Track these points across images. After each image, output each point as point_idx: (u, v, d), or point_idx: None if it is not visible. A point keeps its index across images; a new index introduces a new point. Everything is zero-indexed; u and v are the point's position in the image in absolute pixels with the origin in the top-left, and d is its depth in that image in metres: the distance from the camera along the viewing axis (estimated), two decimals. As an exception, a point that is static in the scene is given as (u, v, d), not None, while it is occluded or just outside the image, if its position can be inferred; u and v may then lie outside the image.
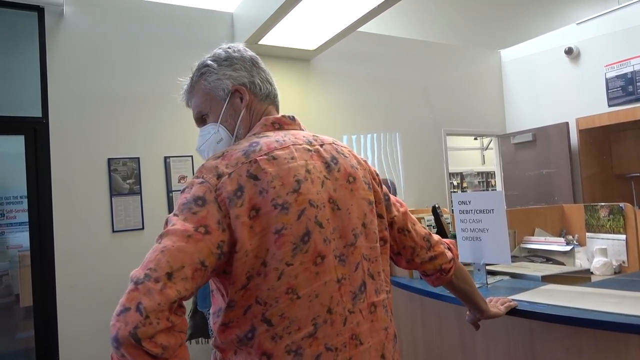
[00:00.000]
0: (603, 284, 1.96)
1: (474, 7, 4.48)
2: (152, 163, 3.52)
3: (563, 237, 2.76)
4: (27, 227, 3.10)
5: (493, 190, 7.32)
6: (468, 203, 1.79)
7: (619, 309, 1.29)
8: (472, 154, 8.77)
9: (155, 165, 3.53)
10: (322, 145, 0.97)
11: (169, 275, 0.71)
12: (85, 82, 3.34)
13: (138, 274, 0.71)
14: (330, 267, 0.88)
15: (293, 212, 0.84)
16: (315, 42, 3.88)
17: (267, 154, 0.88)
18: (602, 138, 4.89)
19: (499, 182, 5.69)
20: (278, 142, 0.92)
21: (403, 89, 4.89)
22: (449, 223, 2.45)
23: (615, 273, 2.40)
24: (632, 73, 4.41)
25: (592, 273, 2.37)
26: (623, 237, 2.49)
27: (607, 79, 4.61)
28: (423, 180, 4.89)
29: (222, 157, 0.88)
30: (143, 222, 3.42)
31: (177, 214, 0.81)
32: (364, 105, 4.60)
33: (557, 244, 2.60)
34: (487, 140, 8.04)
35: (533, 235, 2.81)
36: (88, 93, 3.34)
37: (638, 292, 1.55)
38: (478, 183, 8.89)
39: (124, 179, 3.39)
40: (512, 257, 1.85)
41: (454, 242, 1.24)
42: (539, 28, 5.13)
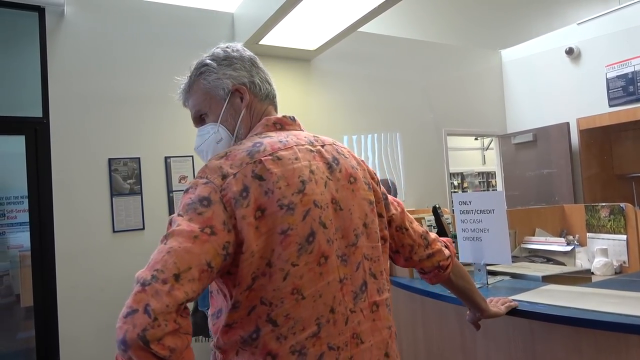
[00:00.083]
0: (604, 284, 1.96)
1: (475, 7, 4.49)
2: (152, 163, 3.52)
3: (564, 237, 2.76)
4: (27, 227, 3.10)
5: (494, 191, 7.32)
6: (469, 203, 1.79)
7: (620, 309, 1.29)
8: (472, 154, 8.77)
9: (156, 166, 3.54)
10: (323, 146, 0.97)
11: (177, 277, 0.70)
12: (86, 82, 3.34)
13: (144, 275, 0.70)
14: (333, 267, 0.88)
15: (298, 212, 0.84)
16: (316, 42, 3.88)
17: (271, 155, 0.87)
18: (602, 138, 4.89)
19: (500, 182, 5.69)
20: (281, 142, 0.91)
21: (403, 89, 4.89)
22: (450, 223, 2.45)
23: (616, 273, 2.40)
24: (632, 73, 4.40)
25: (592, 273, 2.37)
26: (624, 237, 2.49)
27: (607, 79, 4.60)
28: (423, 181, 4.89)
29: (225, 157, 0.87)
30: (144, 222, 3.43)
31: (181, 215, 0.80)
32: (365, 106, 4.60)
33: (557, 244, 2.60)
34: (487, 141, 8.03)
35: (534, 236, 2.81)
36: (89, 93, 3.34)
37: (639, 292, 1.55)
38: (479, 183, 8.88)
39: (125, 179, 3.40)
40: (512, 257, 1.85)
41: (451, 240, 1.25)
42: (540, 28, 5.13)
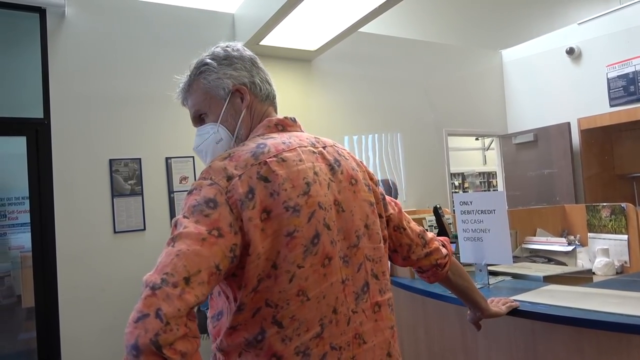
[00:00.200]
0: (605, 285, 1.96)
1: (475, 7, 4.49)
2: (153, 164, 3.52)
3: (565, 237, 2.76)
4: (29, 228, 3.10)
5: (494, 191, 7.31)
6: (469, 203, 1.79)
7: (621, 310, 1.29)
8: (473, 154, 8.76)
9: (157, 166, 3.54)
10: (324, 148, 0.97)
11: (187, 280, 0.69)
12: (87, 83, 3.34)
13: (154, 279, 0.69)
14: (336, 268, 0.88)
15: (304, 214, 0.84)
16: (317, 42, 3.88)
17: (276, 156, 0.87)
18: (603, 138, 4.88)
19: (501, 182, 5.69)
20: (284, 144, 0.91)
21: (404, 90, 4.89)
22: (451, 223, 2.45)
23: (617, 273, 2.40)
24: (633, 73, 4.40)
25: (594, 273, 2.36)
26: (625, 237, 2.49)
27: (608, 79, 4.60)
28: (424, 181, 4.88)
29: (229, 158, 0.87)
30: (144, 222, 3.43)
31: (187, 216, 0.78)
32: (365, 106, 4.59)
33: (558, 244, 2.60)
34: (488, 141, 8.02)
35: (535, 236, 2.80)
36: (89, 94, 3.35)
37: (640, 292, 1.55)
38: (479, 183, 8.88)
39: (126, 180, 3.40)
40: (513, 257, 1.85)
41: (448, 239, 1.25)
42: (540, 28, 5.13)
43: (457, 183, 8.56)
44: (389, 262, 1.16)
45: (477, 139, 8.12)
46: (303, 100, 4.25)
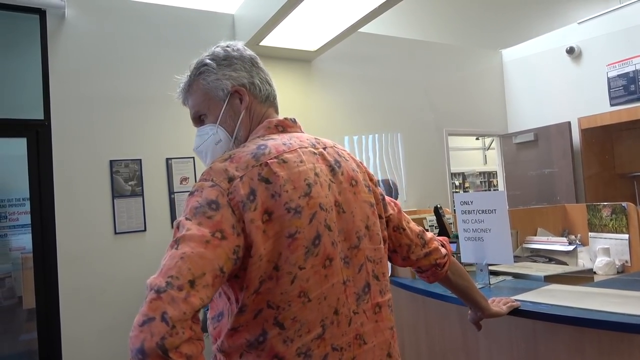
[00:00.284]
0: (606, 284, 1.95)
1: (475, 7, 4.48)
2: (154, 165, 3.52)
3: (565, 237, 2.76)
4: (29, 229, 3.10)
5: (495, 190, 7.31)
6: (470, 203, 1.79)
7: (623, 309, 1.29)
8: (473, 154, 8.75)
9: (157, 167, 3.54)
10: (325, 149, 0.97)
11: (192, 283, 0.69)
12: (87, 84, 3.35)
13: (158, 282, 0.68)
14: (337, 269, 0.88)
15: (305, 215, 0.84)
16: (317, 43, 3.88)
17: (277, 157, 0.87)
18: (604, 137, 4.88)
19: (501, 182, 5.69)
20: (285, 145, 0.91)
21: (404, 90, 4.89)
22: (451, 223, 2.45)
23: (618, 273, 2.39)
24: (634, 72, 4.40)
25: (595, 273, 2.36)
26: (626, 236, 2.48)
27: (608, 78, 4.60)
28: (425, 181, 4.88)
29: (230, 159, 0.86)
30: (145, 223, 3.43)
31: (189, 219, 0.78)
32: (366, 106, 4.59)
33: (559, 244, 2.60)
34: (488, 140, 8.01)
35: (535, 235, 2.80)
36: (90, 95, 3.35)
37: (641, 291, 1.54)
38: (480, 183, 8.87)
39: (126, 181, 3.40)
40: (514, 257, 1.85)
41: (447, 239, 1.25)
42: (540, 28, 5.13)
43: (457, 183, 8.56)
44: (390, 262, 1.16)
45: (477, 139, 8.11)
46: (303, 101, 4.25)
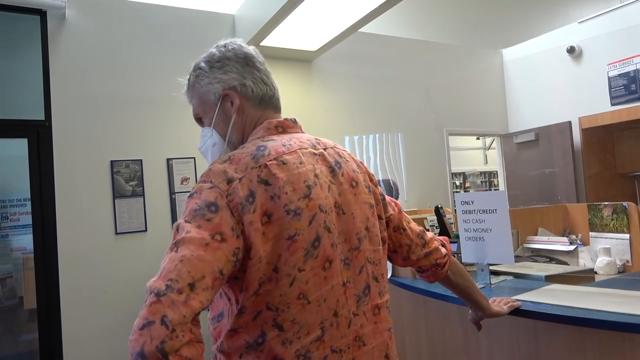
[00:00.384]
0: (607, 284, 1.95)
1: (476, 7, 4.48)
2: (154, 165, 3.52)
3: (566, 236, 2.75)
4: (30, 229, 3.11)
5: (496, 190, 7.31)
6: (471, 203, 1.78)
7: (624, 309, 1.29)
8: (474, 154, 8.76)
9: (158, 167, 3.54)
10: (325, 149, 0.97)
11: (192, 286, 0.69)
12: (88, 84, 3.35)
13: (158, 285, 0.68)
14: (337, 271, 0.88)
15: (305, 217, 0.84)
16: (317, 43, 3.88)
17: (276, 159, 0.87)
18: (605, 137, 4.88)
19: (502, 181, 5.68)
20: (285, 146, 0.91)
21: (405, 90, 4.88)
22: (452, 223, 2.45)
23: (619, 272, 2.39)
24: (634, 72, 4.39)
25: (595, 273, 2.36)
26: (627, 236, 2.48)
27: (609, 78, 4.59)
28: (425, 181, 4.88)
29: (229, 161, 0.86)
30: (146, 224, 3.43)
31: (189, 221, 0.78)
32: (366, 106, 4.59)
33: (560, 244, 2.59)
34: (489, 140, 8.01)
35: (536, 235, 2.80)
36: (90, 96, 3.35)
37: (642, 291, 1.54)
38: (481, 183, 8.87)
39: (127, 181, 3.40)
40: (515, 257, 1.85)
41: (447, 239, 1.25)
42: (541, 27, 5.13)
43: (458, 183, 8.56)
44: (389, 262, 1.16)
45: (478, 139, 8.11)
46: (303, 101, 4.25)
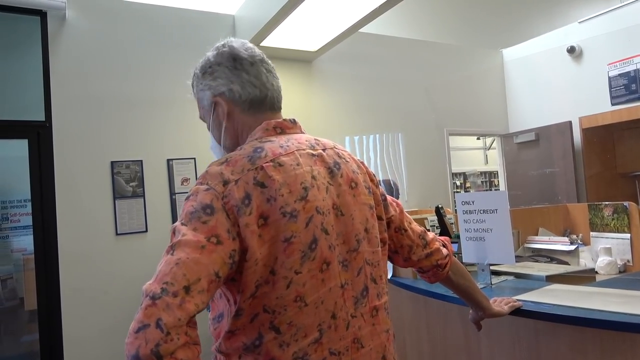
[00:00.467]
0: (608, 284, 1.95)
1: (476, 6, 4.48)
2: (155, 165, 3.52)
3: (567, 236, 2.75)
4: (31, 230, 3.11)
5: (496, 190, 7.31)
6: (471, 203, 1.78)
7: (625, 309, 1.29)
8: (474, 154, 8.76)
9: (158, 168, 3.54)
10: (324, 150, 0.97)
11: (187, 289, 0.70)
12: (88, 85, 3.35)
13: (154, 289, 0.69)
14: (335, 273, 0.88)
15: (301, 220, 0.84)
16: (317, 43, 3.88)
17: (272, 161, 0.86)
18: (605, 137, 4.87)
19: (502, 181, 5.68)
20: (282, 147, 0.90)
21: (405, 90, 4.88)
22: (452, 223, 2.45)
23: (620, 272, 2.39)
24: (635, 71, 4.39)
25: (596, 272, 2.35)
26: (627, 236, 2.47)
27: (610, 78, 4.59)
28: (426, 181, 4.88)
29: (226, 163, 0.86)
30: (146, 224, 3.43)
31: (185, 224, 0.78)
32: (366, 106, 4.59)
33: (561, 244, 2.59)
34: (489, 140, 8.02)
35: (537, 235, 2.80)
36: (91, 96, 3.35)
37: (643, 291, 1.54)
38: (481, 183, 8.87)
39: (127, 182, 3.40)
40: (516, 257, 1.84)
41: (449, 239, 1.25)
42: (541, 27, 5.12)
43: (458, 183, 8.56)
44: (391, 262, 1.16)
45: (478, 139, 8.12)
46: (304, 101, 4.25)
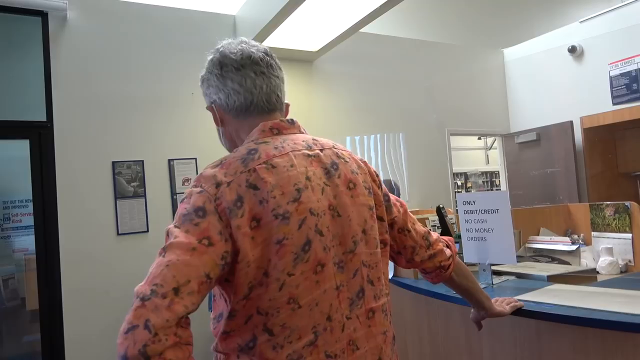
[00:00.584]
0: (609, 284, 1.95)
1: (476, 6, 4.47)
2: (156, 166, 3.52)
3: (568, 236, 2.75)
4: (32, 230, 3.11)
5: (497, 190, 7.30)
6: (473, 203, 1.78)
7: (627, 309, 1.28)
8: (476, 154, 8.74)
9: (160, 168, 3.54)
10: (322, 150, 0.96)
11: (176, 291, 0.71)
12: (89, 85, 3.35)
13: (144, 290, 0.70)
14: (330, 274, 0.88)
15: (294, 221, 0.84)
16: (318, 43, 3.88)
17: (265, 162, 0.87)
18: (606, 136, 4.87)
19: (503, 181, 5.68)
20: (277, 149, 0.91)
21: (406, 90, 4.88)
22: (454, 223, 2.44)
23: (622, 272, 2.38)
24: (636, 71, 4.38)
25: (598, 272, 2.35)
26: (629, 236, 2.47)
27: (611, 77, 4.59)
28: (427, 181, 4.88)
29: (220, 165, 0.87)
30: (148, 224, 3.43)
31: (178, 226, 0.79)
32: (367, 106, 4.59)
33: (562, 244, 2.59)
34: (491, 140, 8.02)
35: (538, 235, 2.79)
36: (92, 97, 3.36)
37: (645, 291, 1.54)
38: (482, 183, 8.86)
39: (129, 182, 3.41)
40: (517, 257, 1.84)
41: (452, 239, 1.25)
42: (542, 27, 5.12)
43: (459, 183, 8.55)
44: (394, 263, 1.16)
45: (479, 139, 8.11)
46: (304, 101, 4.25)
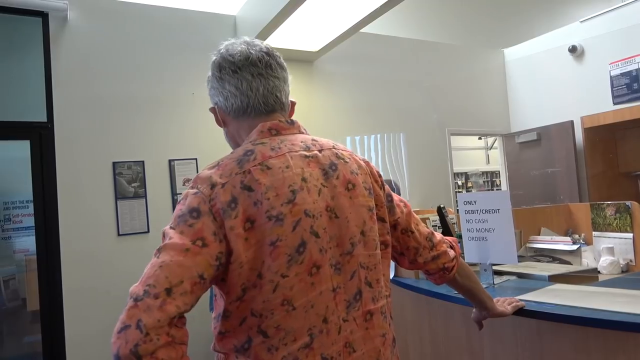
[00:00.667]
0: (611, 283, 1.94)
1: (477, 6, 4.47)
2: (156, 166, 3.52)
3: (569, 236, 2.75)
4: (33, 231, 3.11)
5: (498, 190, 7.30)
6: (473, 203, 1.78)
7: (628, 308, 1.28)
8: (476, 154, 8.73)
9: (160, 169, 3.54)
10: (320, 151, 0.95)
11: (168, 291, 0.72)
12: (90, 86, 3.35)
13: (137, 290, 0.71)
14: (326, 276, 0.87)
15: (288, 223, 0.84)
16: (318, 43, 3.88)
17: (260, 164, 0.87)
18: (607, 136, 4.87)
19: (504, 181, 5.67)
20: (274, 150, 0.90)
21: (406, 90, 4.88)
22: (455, 223, 2.44)
23: (623, 272, 2.38)
24: (636, 70, 4.38)
25: (599, 272, 2.35)
26: (630, 235, 2.47)
27: (611, 77, 4.58)
28: (428, 181, 4.87)
29: (217, 166, 0.88)
30: (148, 225, 3.43)
31: (173, 227, 0.80)
32: (368, 106, 4.59)
33: (563, 244, 2.59)
34: (491, 140, 8.01)
35: (539, 235, 2.79)
36: (92, 97, 3.36)
37: (646, 291, 1.53)
38: (483, 183, 8.85)
39: (129, 183, 3.41)
40: (518, 256, 1.84)
41: (457, 240, 1.24)
42: (542, 26, 5.11)
43: (460, 183, 8.54)
44: (397, 265, 1.15)
45: (480, 139, 8.10)
46: (305, 102, 4.24)
